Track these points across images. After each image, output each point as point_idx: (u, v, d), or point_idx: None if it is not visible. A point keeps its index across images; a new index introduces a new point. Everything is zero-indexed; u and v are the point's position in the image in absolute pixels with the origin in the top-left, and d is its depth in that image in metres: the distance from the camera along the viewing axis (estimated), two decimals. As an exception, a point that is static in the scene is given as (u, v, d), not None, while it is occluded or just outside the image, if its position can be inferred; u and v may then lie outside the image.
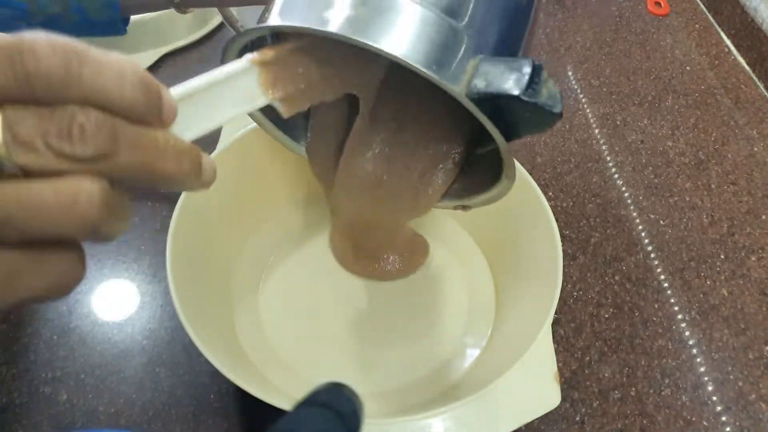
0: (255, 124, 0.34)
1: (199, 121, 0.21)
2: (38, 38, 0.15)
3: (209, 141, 0.21)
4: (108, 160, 0.16)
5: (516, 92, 0.21)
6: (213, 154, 0.42)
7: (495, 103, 0.22)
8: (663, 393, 0.45)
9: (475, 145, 0.33)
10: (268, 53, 0.24)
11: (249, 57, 0.24)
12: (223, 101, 0.22)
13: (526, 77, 0.21)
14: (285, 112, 0.25)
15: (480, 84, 0.22)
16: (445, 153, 0.32)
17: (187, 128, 0.20)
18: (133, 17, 0.63)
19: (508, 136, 0.24)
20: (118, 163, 0.16)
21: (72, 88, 0.16)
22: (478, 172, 0.31)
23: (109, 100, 0.16)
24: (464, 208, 0.31)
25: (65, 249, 0.17)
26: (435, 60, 0.22)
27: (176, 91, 0.20)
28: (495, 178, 0.29)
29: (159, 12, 0.63)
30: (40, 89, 0.15)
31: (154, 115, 0.18)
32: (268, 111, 0.32)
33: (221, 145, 0.44)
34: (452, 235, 0.52)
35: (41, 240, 0.16)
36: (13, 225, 0.15)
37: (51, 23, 0.40)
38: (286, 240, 0.50)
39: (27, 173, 0.15)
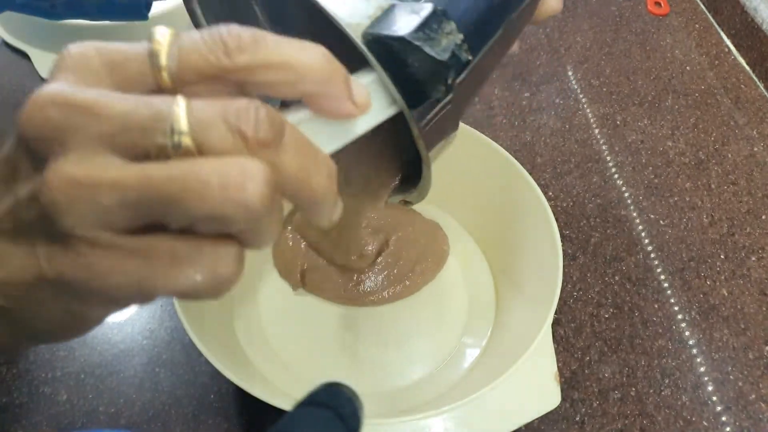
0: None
1: (325, 142, 0.19)
2: (230, 25, 0.17)
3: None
4: (274, 151, 0.16)
5: (401, 33, 0.19)
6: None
7: (388, 49, 0.20)
8: (663, 393, 0.45)
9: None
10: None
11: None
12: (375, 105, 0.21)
13: (419, 20, 0.19)
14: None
15: (376, 27, 0.20)
16: (388, 179, 0.32)
17: (328, 141, 0.19)
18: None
19: (411, 99, 0.21)
20: (282, 159, 0.16)
21: (260, 49, 0.16)
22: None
23: (293, 63, 0.17)
24: (406, 203, 0.30)
25: (226, 243, 0.16)
26: (352, 6, 0.20)
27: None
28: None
29: (159, 12, 0.63)
30: (232, 50, 0.16)
31: (341, 93, 0.18)
32: None
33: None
34: (452, 236, 0.52)
35: (205, 229, 0.16)
36: (179, 204, 0.15)
37: (73, 4, 0.40)
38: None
39: (202, 153, 0.15)
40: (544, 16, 0.32)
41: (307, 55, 0.17)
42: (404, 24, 0.19)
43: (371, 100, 0.20)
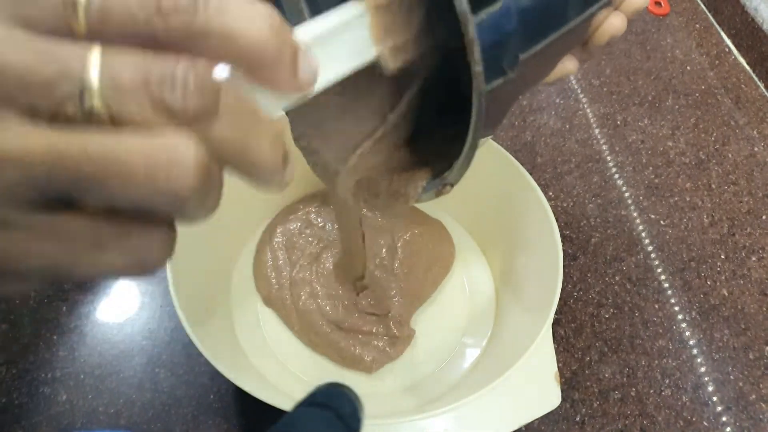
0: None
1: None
2: None
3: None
4: (206, 122, 0.14)
5: None
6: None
7: None
8: (663, 393, 0.45)
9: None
10: None
11: (361, 1, 0.20)
12: (331, 57, 0.19)
13: None
14: (392, 64, 0.22)
15: None
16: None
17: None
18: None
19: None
20: (215, 131, 0.14)
21: (198, 13, 0.14)
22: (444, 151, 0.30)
23: (234, 33, 0.14)
24: (444, 187, 0.28)
25: (154, 225, 0.15)
26: None
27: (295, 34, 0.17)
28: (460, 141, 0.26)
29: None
30: (167, 10, 0.13)
31: (285, 69, 0.15)
32: None
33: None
34: (452, 236, 0.51)
35: (129, 209, 0.14)
36: (99, 184, 0.13)
37: None
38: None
39: (117, 122, 0.13)
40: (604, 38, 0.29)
41: (254, 26, 0.14)
42: None
43: (331, 56, 0.19)
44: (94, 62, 0.13)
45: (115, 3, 0.13)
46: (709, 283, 0.52)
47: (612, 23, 0.29)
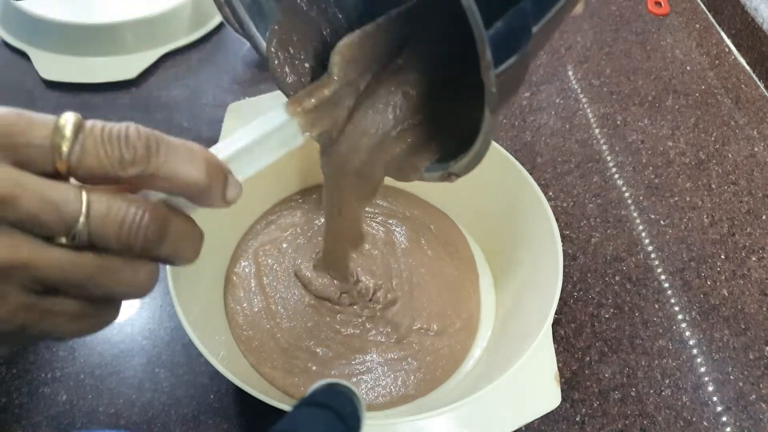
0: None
1: (240, 171, 0.23)
2: (130, 127, 0.19)
3: (209, 143, 0.21)
4: (156, 248, 0.20)
5: None
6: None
7: None
8: (663, 393, 0.45)
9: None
10: (307, 102, 0.26)
11: (289, 110, 0.25)
12: (263, 151, 0.24)
13: None
14: (313, 136, 0.27)
15: None
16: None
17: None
18: (132, 17, 0.63)
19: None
20: (161, 251, 0.20)
21: (150, 164, 0.19)
22: (454, 135, 0.29)
23: (178, 178, 0.20)
24: (450, 176, 0.28)
25: (114, 302, 0.22)
26: None
27: (222, 154, 0.22)
28: (472, 136, 0.26)
29: (159, 12, 0.63)
30: (126, 163, 0.19)
31: (216, 196, 0.21)
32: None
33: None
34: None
35: (101, 298, 0.20)
36: (86, 289, 0.20)
37: None
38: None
39: (93, 246, 0.19)
40: None
41: (193, 170, 0.20)
42: None
43: (261, 152, 0.24)
44: (82, 214, 0.18)
45: (89, 155, 0.19)
46: (709, 283, 0.52)
47: None
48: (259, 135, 0.24)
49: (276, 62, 0.30)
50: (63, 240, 0.19)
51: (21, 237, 0.18)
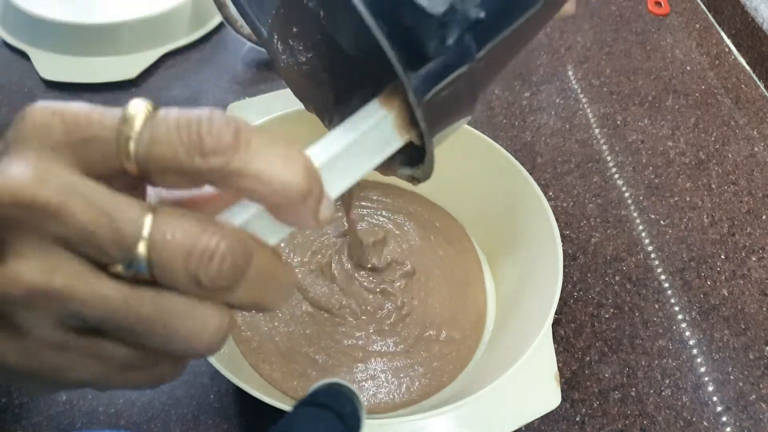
0: (257, 122, 0.33)
1: (335, 183, 0.19)
2: (215, 112, 0.15)
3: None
4: (231, 292, 0.16)
5: None
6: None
7: None
8: (663, 393, 0.45)
9: None
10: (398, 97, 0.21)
11: (385, 105, 0.20)
12: (358, 158, 0.20)
13: None
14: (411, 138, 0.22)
15: None
16: None
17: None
18: (132, 18, 0.63)
19: (409, 59, 0.18)
20: (237, 296, 0.16)
21: (238, 155, 0.15)
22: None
23: (270, 179, 0.16)
24: (413, 180, 0.27)
25: (172, 360, 0.18)
26: None
27: (317, 160, 0.18)
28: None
29: (159, 12, 0.63)
30: (207, 151, 0.15)
31: (308, 212, 0.17)
32: None
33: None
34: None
35: (157, 350, 0.16)
36: (140, 337, 0.16)
37: None
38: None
39: (154, 281, 0.16)
40: None
41: (288, 172, 0.16)
42: None
43: (356, 158, 0.20)
44: (144, 236, 0.15)
45: (160, 141, 0.15)
46: (709, 283, 0.52)
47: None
48: (355, 137, 0.19)
49: (278, 51, 0.30)
50: (118, 269, 0.15)
51: (63, 258, 0.15)
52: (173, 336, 0.16)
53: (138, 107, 0.15)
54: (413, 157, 0.25)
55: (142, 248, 0.15)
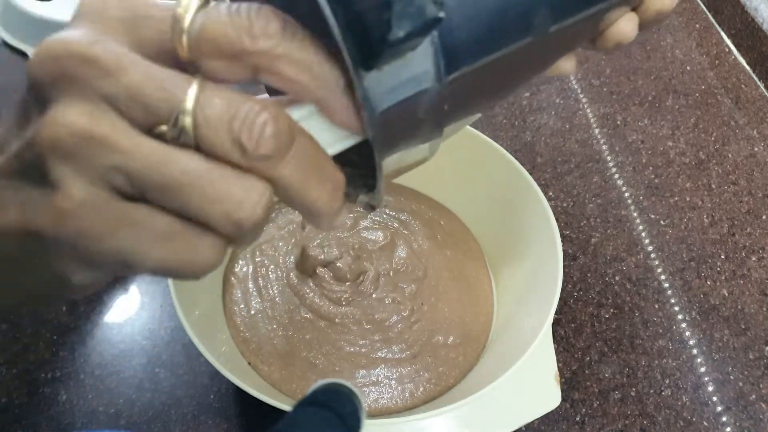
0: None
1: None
2: (264, 6, 0.16)
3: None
4: (273, 164, 0.16)
5: None
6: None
7: None
8: (663, 393, 0.45)
9: None
10: None
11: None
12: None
13: None
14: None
15: None
16: None
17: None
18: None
19: (362, 53, 0.16)
20: (281, 172, 0.16)
21: (284, 40, 0.16)
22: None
23: (312, 66, 0.16)
24: (369, 207, 0.24)
25: (212, 234, 0.17)
26: None
27: None
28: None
29: None
30: (257, 33, 0.16)
31: (350, 110, 0.17)
32: None
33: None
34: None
35: (197, 219, 0.16)
36: (181, 197, 0.16)
37: None
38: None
39: (198, 145, 0.16)
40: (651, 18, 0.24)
41: (327, 64, 0.16)
42: None
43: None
44: (191, 95, 0.15)
45: (213, 22, 0.16)
46: (709, 283, 0.52)
47: (621, 28, 0.23)
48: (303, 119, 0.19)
49: None
50: (163, 128, 0.15)
51: (110, 112, 0.15)
52: (214, 200, 0.15)
53: None
54: (370, 184, 0.22)
55: (189, 109, 0.15)
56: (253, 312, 0.44)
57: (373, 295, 0.45)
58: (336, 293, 0.45)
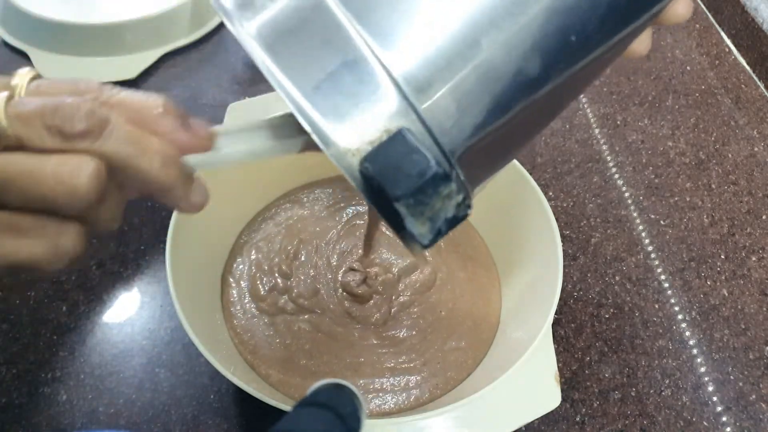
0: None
1: (229, 149, 0.22)
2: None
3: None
4: (94, 140, 0.18)
5: (391, 192, 0.18)
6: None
7: (379, 191, 0.19)
8: (663, 393, 0.45)
9: None
10: None
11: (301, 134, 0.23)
12: (255, 141, 0.23)
13: (416, 184, 0.18)
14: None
15: (373, 161, 0.18)
16: None
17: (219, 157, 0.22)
18: (132, 17, 0.63)
19: (394, 223, 0.19)
20: (104, 147, 0.18)
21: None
22: None
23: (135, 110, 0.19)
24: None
25: (67, 220, 0.18)
26: (353, 127, 0.19)
27: (223, 127, 0.22)
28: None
29: (159, 12, 0.63)
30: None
31: (178, 128, 0.20)
32: None
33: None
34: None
35: (41, 208, 0.18)
36: (13, 189, 0.17)
37: None
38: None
39: (23, 146, 0.17)
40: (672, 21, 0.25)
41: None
42: (400, 179, 0.18)
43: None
44: (1, 103, 0.17)
45: (30, 117, 0.17)
46: (709, 283, 0.52)
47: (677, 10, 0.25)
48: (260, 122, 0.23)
49: None
50: None
51: None
52: (46, 181, 0.17)
53: (22, 73, 0.19)
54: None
55: (1, 115, 0.17)
56: (249, 315, 0.43)
57: (394, 315, 0.44)
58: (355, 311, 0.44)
